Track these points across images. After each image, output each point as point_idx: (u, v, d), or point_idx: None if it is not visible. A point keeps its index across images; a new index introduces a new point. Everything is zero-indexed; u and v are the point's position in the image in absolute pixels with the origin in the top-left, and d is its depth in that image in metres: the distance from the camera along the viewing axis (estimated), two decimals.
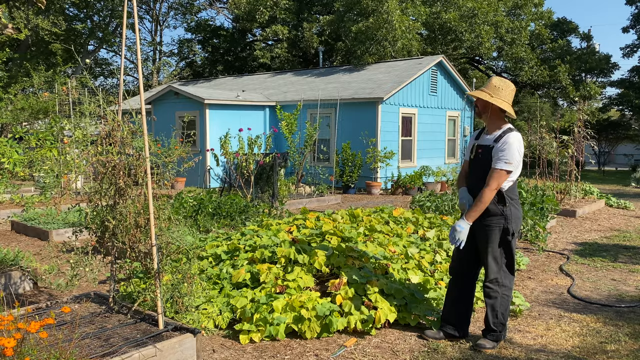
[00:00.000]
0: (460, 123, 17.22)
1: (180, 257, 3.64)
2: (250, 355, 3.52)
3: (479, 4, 20.59)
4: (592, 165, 26.91)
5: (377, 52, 18.00)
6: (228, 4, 25.58)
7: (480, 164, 3.56)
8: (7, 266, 4.86)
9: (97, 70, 30.70)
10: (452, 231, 3.54)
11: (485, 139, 3.62)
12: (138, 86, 10.71)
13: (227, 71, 27.67)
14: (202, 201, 7.80)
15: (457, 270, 3.77)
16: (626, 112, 27.47)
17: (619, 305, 4.61)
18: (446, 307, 3.81)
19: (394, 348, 3.65)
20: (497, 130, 3.56)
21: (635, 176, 17.27)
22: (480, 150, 3.60)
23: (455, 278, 3.78)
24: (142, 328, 3.34)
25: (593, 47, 26.17)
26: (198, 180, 13.93)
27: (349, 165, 13.45)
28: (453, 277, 3.80)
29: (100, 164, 3.28)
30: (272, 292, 4.02)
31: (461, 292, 3.76)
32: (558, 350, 3.64)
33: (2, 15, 5.15)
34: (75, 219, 7.48)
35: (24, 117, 15.77)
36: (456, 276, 3.78)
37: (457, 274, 3.78)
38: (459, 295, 3.76)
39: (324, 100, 14.22)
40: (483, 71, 27.60)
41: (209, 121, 14.00)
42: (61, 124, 10.20)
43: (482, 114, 3.62)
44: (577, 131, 10.92)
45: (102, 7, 25.92)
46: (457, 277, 3.77)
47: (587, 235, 8.00)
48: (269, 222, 5.52)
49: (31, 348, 2.66)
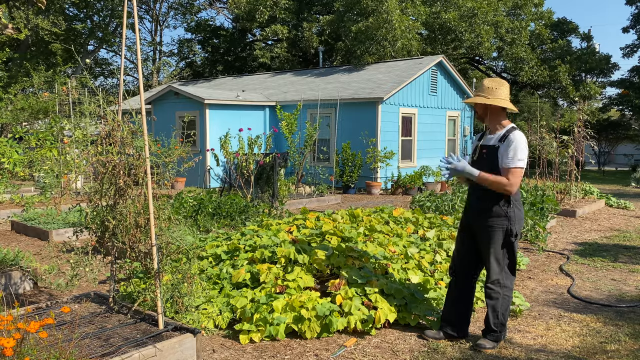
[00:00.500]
0: (460, 123, 17.22)
1: (180, 257, 3.64)
2: (250, 355, 3.52)
3: (479, 4, 20.59)
4: (592, 165, 26.91)
5: (377, 52, 17.99)
6: (228, 4, 25.57)
7: (485, 163, 3.56)
8: (7, 266, 4.86)
9: (97, 70, 30.71)
10: (449, 158, 3.55)
11: (488, 139, 3.63)
12: (138, 86, 10.71)
13: (227, 71, 27.67)
14: (202, 201, 7.80)
15: (457, 270, 3.77)
16: (626, 112, 27.47)
17: (619, 305, 4.61)
18: (446, 307, 3.81)
19: (394, 348, 3.65)
20: (501, 130, 3.57)
21: (635, 176, 17.27)
22: (485, 150, 3.60)
23: (456, 278, 3.78)
24: (142, 328, 3.33)
25: (593, 47, 26.16)
26: (198, 180, 13.93)
27: (349, 165, 13.45)
28: (453, 278, 3.80)
29: (100, 164, 3.28)
30: (272, 292, 4.02)
31: (461, 292, 3.76)
32: (558, 350, 3.64)
33: (2, 15, 5.15)
34: (75, 219, 7.47)
35: (24, 117, 15.76)
36: (456, 276, 3.78)
37: (457, 274, 3.78)
38: (459, 296, 3.76)
39: (324, 100, 14.22)
40: (483, 71, 27.59)
41: (209, 121, 14.00)
42: (61, 124, 10.20)
43: (484, 118, 3.65)
44: (577, 131, 10.92)
45: (102, 7, 25.91)
46: (458, 278, 3.77)
47: (587, 235, 8.00)
48: (269, 222, 5.52)
49: (31, 348, 2.66)
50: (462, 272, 3.76)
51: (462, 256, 3.73)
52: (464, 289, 3.76)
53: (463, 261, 3.74)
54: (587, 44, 26.80)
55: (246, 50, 27.30)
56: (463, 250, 3.70)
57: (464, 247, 3.72)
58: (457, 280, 3.77)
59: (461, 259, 3.74)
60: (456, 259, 3.79)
